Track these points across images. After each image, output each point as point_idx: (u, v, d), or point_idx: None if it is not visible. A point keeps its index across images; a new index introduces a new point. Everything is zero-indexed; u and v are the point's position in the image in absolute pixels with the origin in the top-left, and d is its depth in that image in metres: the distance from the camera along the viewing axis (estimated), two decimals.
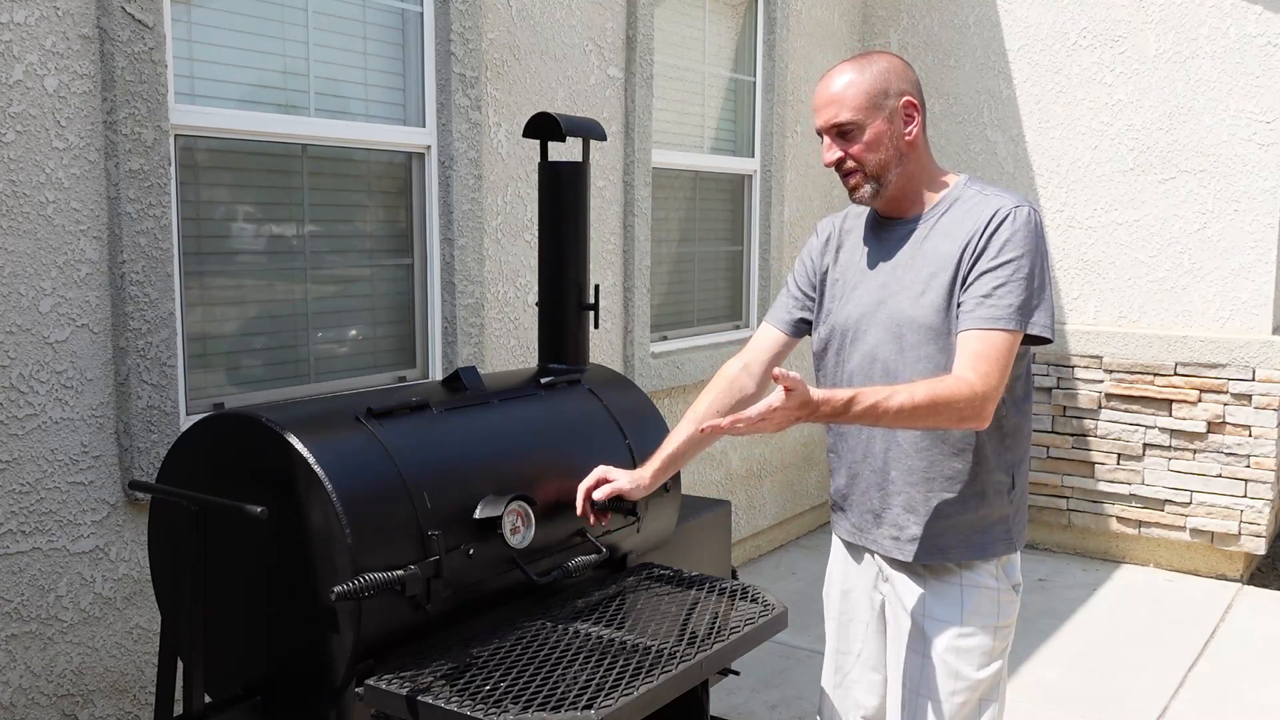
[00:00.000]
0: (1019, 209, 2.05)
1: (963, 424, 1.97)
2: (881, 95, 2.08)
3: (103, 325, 2.76)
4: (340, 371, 3.47)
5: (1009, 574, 2.21)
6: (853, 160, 2.10)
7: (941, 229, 2.11)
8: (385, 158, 3.57)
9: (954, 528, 2.15)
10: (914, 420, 1.94)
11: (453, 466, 2.27)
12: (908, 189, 2.15)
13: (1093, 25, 5.50)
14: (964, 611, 2.17)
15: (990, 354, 1.98)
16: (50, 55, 2.60)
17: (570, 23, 4.13)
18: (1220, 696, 3.99)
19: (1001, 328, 1.99)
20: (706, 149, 5.12)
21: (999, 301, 2.00)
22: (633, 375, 4.52)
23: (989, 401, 1.96)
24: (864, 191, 2.12)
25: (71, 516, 2.72)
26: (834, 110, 2.09)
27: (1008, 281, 2.01)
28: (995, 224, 2.03)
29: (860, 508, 2.26)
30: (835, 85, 2.10)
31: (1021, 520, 2.24)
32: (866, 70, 2.09)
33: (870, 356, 2.15)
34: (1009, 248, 2.02)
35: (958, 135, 5.93)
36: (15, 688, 2.64)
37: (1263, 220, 5.17)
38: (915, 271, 2.11)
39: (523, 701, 1.92)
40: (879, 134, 2.08)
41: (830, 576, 2.45)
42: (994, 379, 1.97)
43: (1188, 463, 5.33)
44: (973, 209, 2.09)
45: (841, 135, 2.10)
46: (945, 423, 1.96)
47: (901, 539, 2.19)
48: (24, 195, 2.58)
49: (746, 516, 5.42)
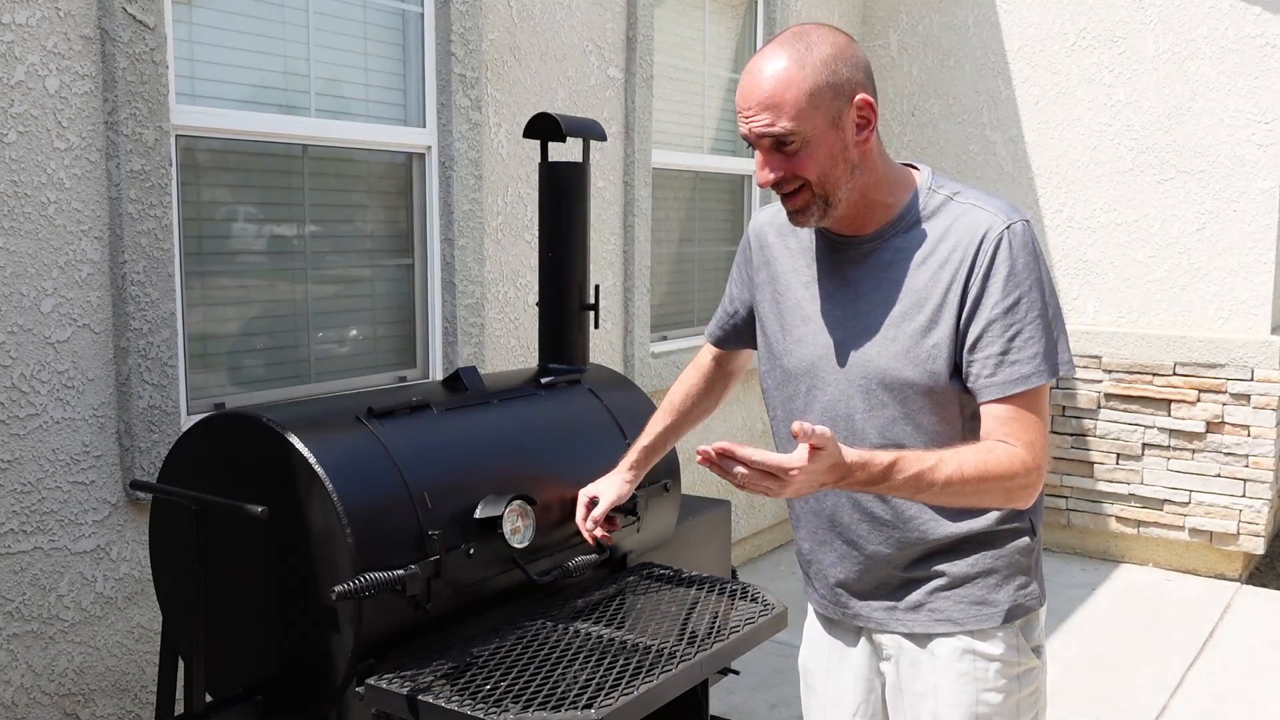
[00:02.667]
0: (1011, 227, 1.67)
1: (1010, 502, 1.67)
2: (830, 94, 1.61)
3: (104, 325, 2.76)
4: (341, 371, 3.47)
5: (1028, 635, 1.82)
6: (797, 178, 1.66)
7: (909, 249, 1.71)
8: (386, 158, 3.57)
9: (960, 589, 1.79)
10: (959, 496, 1.62)
11: (453, 466, 2.28)
12: (862, 204, 1.72)
13: (1092, 26, 5.51)
14: (971, 691, 1.78)
15: (1027, 420, 1.66)
16: (52, 56, 2.61)
17: (570, 23, 4.14)
18: (1219, 696, 4.00)
19: (1033, 386, 1.66)
20: (706, 149, 5.13)
21: (1020, 355, 1.65)
22: (633, 375, 4.53)
23: (1041, 474, 1.68)
24: (810, 213, 1.70)
25: (73, 516, 2.73)
26: (767, 117, 1.61)
27: (1022, 328, 1.65)
28: (989, 256, 1.65)
29: (832, 580, 1.88)
30: (767, 81, 1.61)
31: (1039, 570, 1.88)
32: (808, 59, 1.60)
33: (832, 413, 1.77)
34: (1013, 283, 1.65)
35: (957, 136, 5.94)
36: (17, 687, 2.64)
37: (1261, 220, 5.18)
38: (882, 309, 1.72)
39: (523, 701, 1.93)
40: (829, 146, 1.63)
41: (810, 645, 2.02)
42: (1040, 446, 1.67)
43: (1187, 462, 5.34)
44: (951, 227, 1.69)
45: (779, 147, 1.64)
46: (992, 500, 1.65)
47: (899, 609, 1.82)
48: (25, 195, 2.58)
49: (746, 516, 5.43)
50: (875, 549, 1.81)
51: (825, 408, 1.78)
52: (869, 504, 1.79)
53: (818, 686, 1.99)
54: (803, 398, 1.82)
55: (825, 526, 1.86)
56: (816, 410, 1.79)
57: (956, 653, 1.78)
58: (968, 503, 1.64)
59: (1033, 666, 1.82)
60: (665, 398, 2.22)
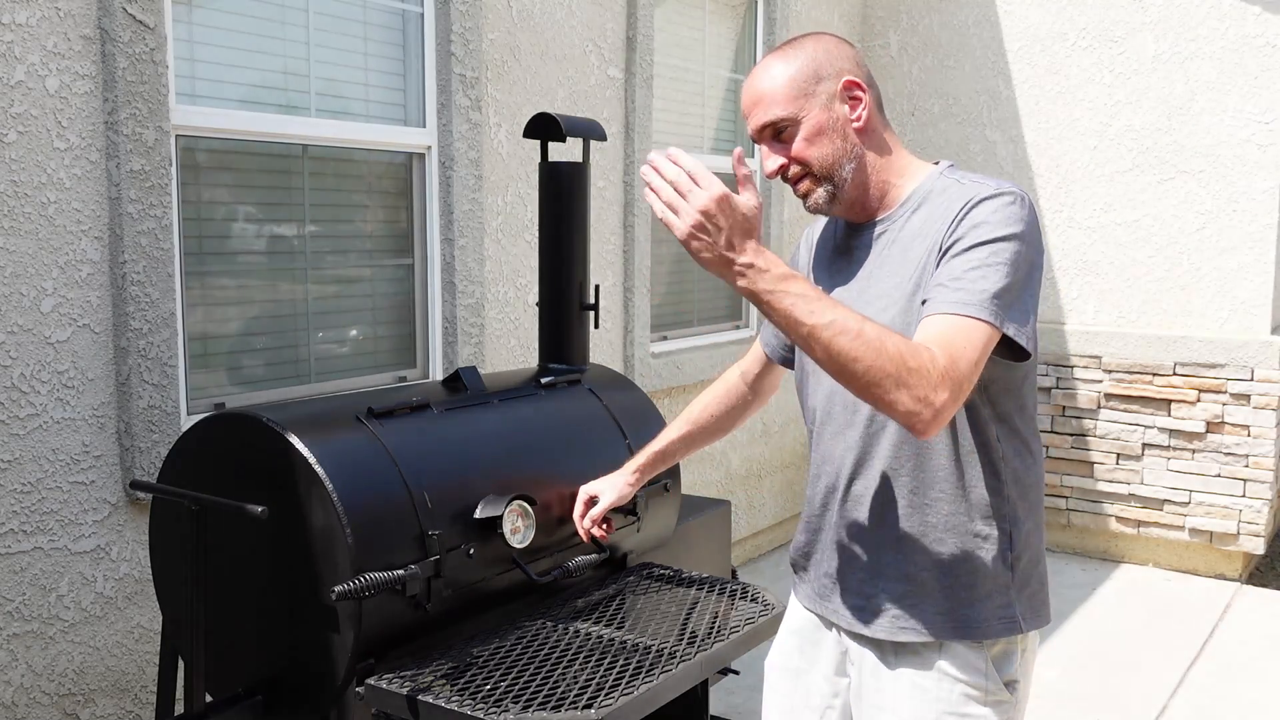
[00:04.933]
0: (1003, 193, 1.65)
1: (895, 394, 1.47)
2: (812, 80, 1.73)
3: (104, 325, 2.76)
4: (341, 371, 3.47)
5: (1001, 665, 1.73)
6: (796, 164, 1.75)
7: (912, 229, 1.74)
8: (386, 158, 3.57)
9: (929, 595, 1.73)
10: (847, 359, 1.47)
11: (453, 466, 2.28)
12: (868, 185, 1.78)
13: (1092, 26, 5.51)
14: (932, 711, 1.72)
15: (957, 341, 1.53)
16: (52, 56, 2.61)
17: (570, 23, 4.14)
18: (1219, 696, 4.00)
19: (973, 314, 1.55)
20: (706, 149, 5.13)
21: (971, 285, 1.57)
22: (633, 375, 4.53)
23: (946, 393, 1.49)
24: (818, 197, 1.76)
25: (73, 516, 2.73)
26: (762, 111, 1.75)
27: (982, 266, 1.59)
28: (968, 208, 1.64)
29: (819, 569, 1.88)
30: (759, 83, 1.76)
31: (1030, 597, 1.77)
32: (793, 58, 1.75)
33: (830, 388, 1.79)
34: (985, 229, 1.61)
35: (957, 136, 5.94)
36: (17, 687, 2.64)
37: (1261, 220, 5.18)
38: (884, 282, 1.74)
39: (523, 701, 1.93)
40: (819, 125, 1.73)
41: (781, 647, 2.01)
42: (963, 368, 1.51)
43: (1187, 462, 5.34)
44: (949, 200, 1.70)
45: (778, 137, 1.76)
46: (875, 378, 1.47)
47: (867, 609, 1.78)
48: (25, 195, 2.58)
49: (746, 516, 5.43)
50: (858, 532, 1.79)
51: (828, 384, 1.80)
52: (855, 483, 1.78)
53: (781, 687, 1.98)
54: (812, 379, 1.86)
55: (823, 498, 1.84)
56: (822, 389, 1.83)
57: (921, 666, 1.73)
58: (848, 366, 1.48)
59: (1003, 700, 1.73)
60: (685, 408, 2.23)
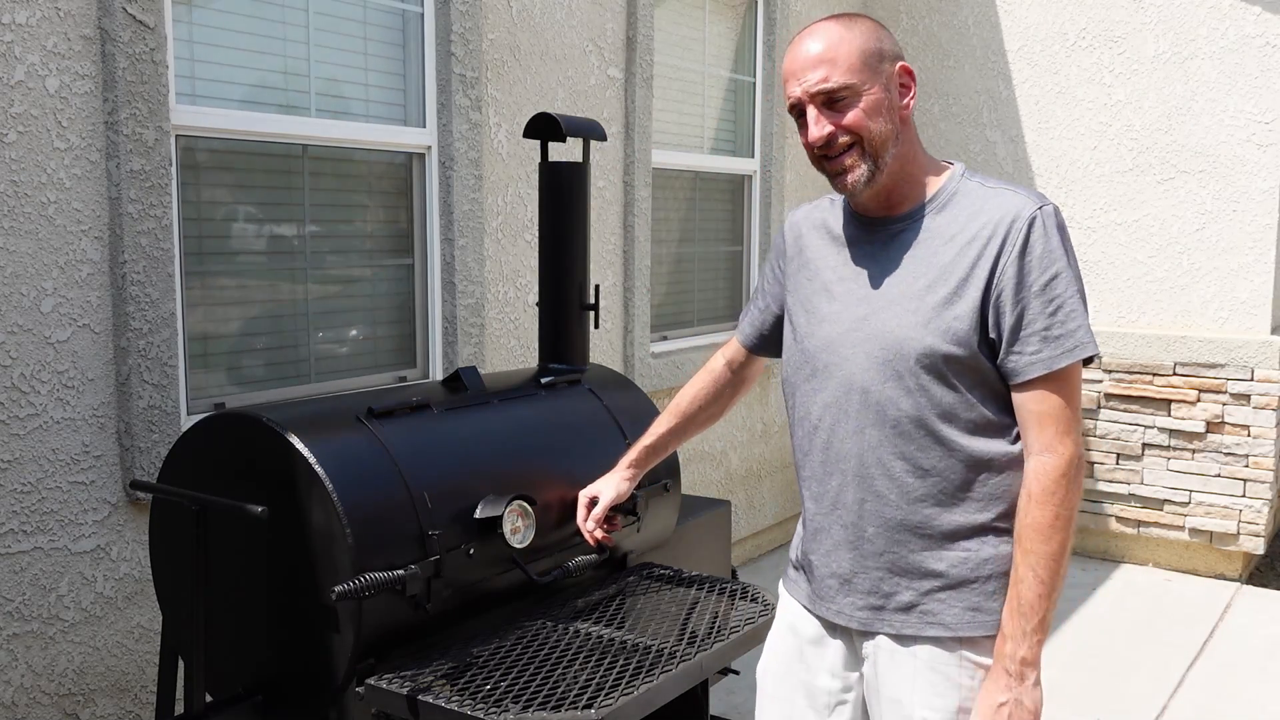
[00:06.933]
0: (1043, 209, 1.69)
1: (1076, 497, 1.68)
2: (877, 57, 1.71)
3: (104, 325, 2.76)
4: (341, 371, 3.47)
5: None
6: (848, 133, 1.70)
7: (939, 230, 1.74)
8: (386, 158, 3.57)
9: (952, 591, 1.75)
10: (1063, 549, 1.67)
11: (453, 466, 2.28)
12: (901, 176, 1.76)
13: (1092, 26, 5.51)
14: (954, 698, 1.76)
15: (1057, 407, 1.67)
16: (52, 56, 2.61)
17: (570, 23, 4.14)
18: (1219, 695, 4.00)
19: (1070, 360, 1.67)
20: (706, 149, 5.13)
21: (1064, 329, 1.66)
22: (633, 375, 4.53)
23: (1078, 455, 1.68)
24: (860, 174, 1.72)
25: (73, 516, 2.73)
26: (823, 72, 1.68)
27: (1063, 303, 1.66)
28: (1023, 234, 1.67)
29: (825, 569, 1.84)
30: (819, 44, 1.70)
31: None
32: (857, 31, 1.72)
33: (847, 386, 1.77)
34: (1049, 260, 1.67)
35: (957, 135, 5.94)
36: (17, 687, 2.64)
37: (1261, 220, 5.18)
38: (906, 283, 1.73)
39: (523, 701, 1.93)
40: (878, 102, 1.70)
41: (773, 650, 1.97)
42: (1071, 428, 1.68)
43: (1187, 462, 5.34)
44: (981, 209, 1.72)
45: (830, 104, 1.70)
46: (1069, 514, 1.67)
47: (887, 608, 1.78)
48: (25, 195, 2.58)
49: (746, 516, 5.43)
50: (876, 531, 1.77)
51: (842, 381, 1.77)
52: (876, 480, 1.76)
53: (779, 693, 1.94)
54: (820, 376, 1.81)
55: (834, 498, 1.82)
56: (834, 385, 1.79)
57: (942, 657, 1.75)
58: (1064, 541, 1.67)
59: None
60: (673, 399, 2.24)
